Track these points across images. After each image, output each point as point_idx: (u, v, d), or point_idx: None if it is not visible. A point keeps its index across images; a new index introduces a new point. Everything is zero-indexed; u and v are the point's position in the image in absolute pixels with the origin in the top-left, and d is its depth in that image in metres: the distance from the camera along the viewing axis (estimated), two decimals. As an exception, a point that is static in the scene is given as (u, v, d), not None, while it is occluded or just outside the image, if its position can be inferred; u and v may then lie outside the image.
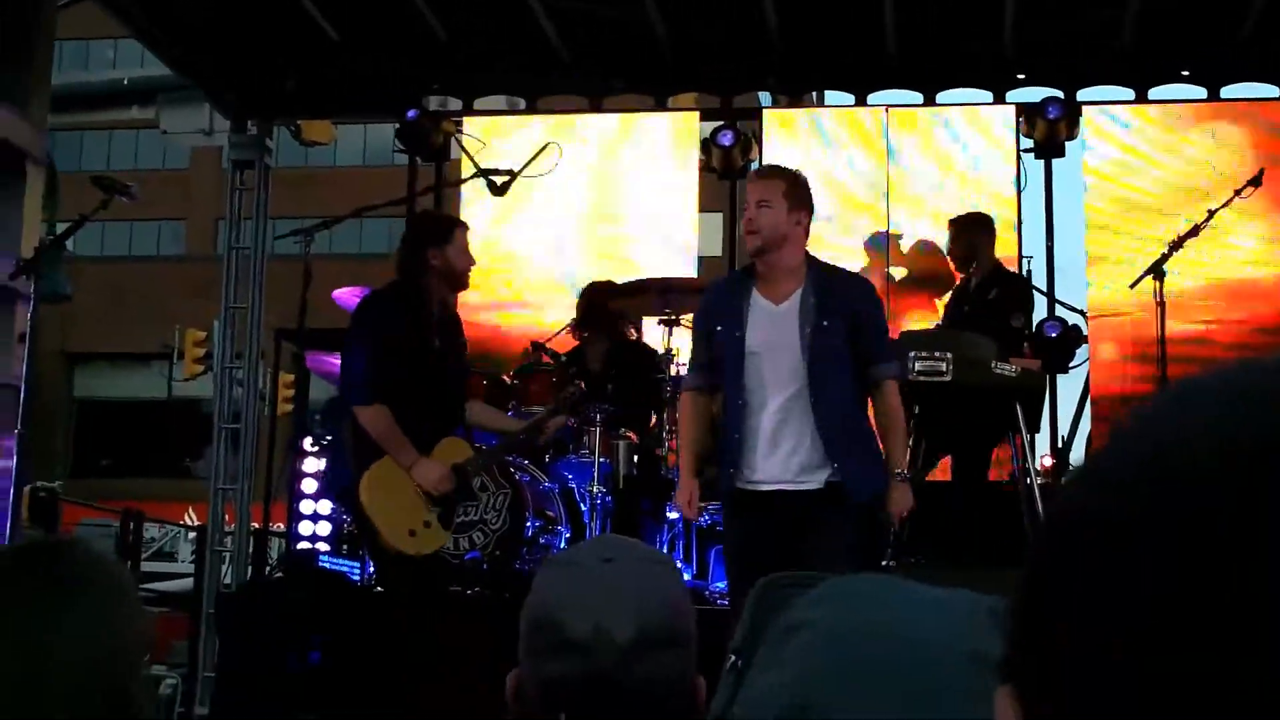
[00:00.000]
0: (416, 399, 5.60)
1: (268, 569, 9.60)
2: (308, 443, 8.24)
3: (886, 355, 5.24)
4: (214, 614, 7.37)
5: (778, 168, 5.36)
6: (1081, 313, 9.30)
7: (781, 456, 4.95)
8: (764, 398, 4.96)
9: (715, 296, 5.31)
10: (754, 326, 5.00)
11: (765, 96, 11.11)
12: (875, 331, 5.19)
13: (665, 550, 6.67)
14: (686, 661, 1.85)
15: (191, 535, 18.37)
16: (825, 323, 4.96)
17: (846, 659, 0.99)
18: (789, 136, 9.86)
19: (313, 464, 8.25)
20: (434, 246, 5.78)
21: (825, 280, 5.07)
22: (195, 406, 26.36)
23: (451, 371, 5.76)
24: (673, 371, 6.97)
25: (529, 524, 6.40)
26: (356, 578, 6.71)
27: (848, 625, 1.02)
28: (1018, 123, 9.45)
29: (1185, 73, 9.35)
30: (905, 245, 9.38)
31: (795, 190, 5.10)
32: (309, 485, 8.26)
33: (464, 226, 6.05)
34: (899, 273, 9.41)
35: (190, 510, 21.11)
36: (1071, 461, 9.41)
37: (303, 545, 8.29)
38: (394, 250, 6.21)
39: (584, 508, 6.57)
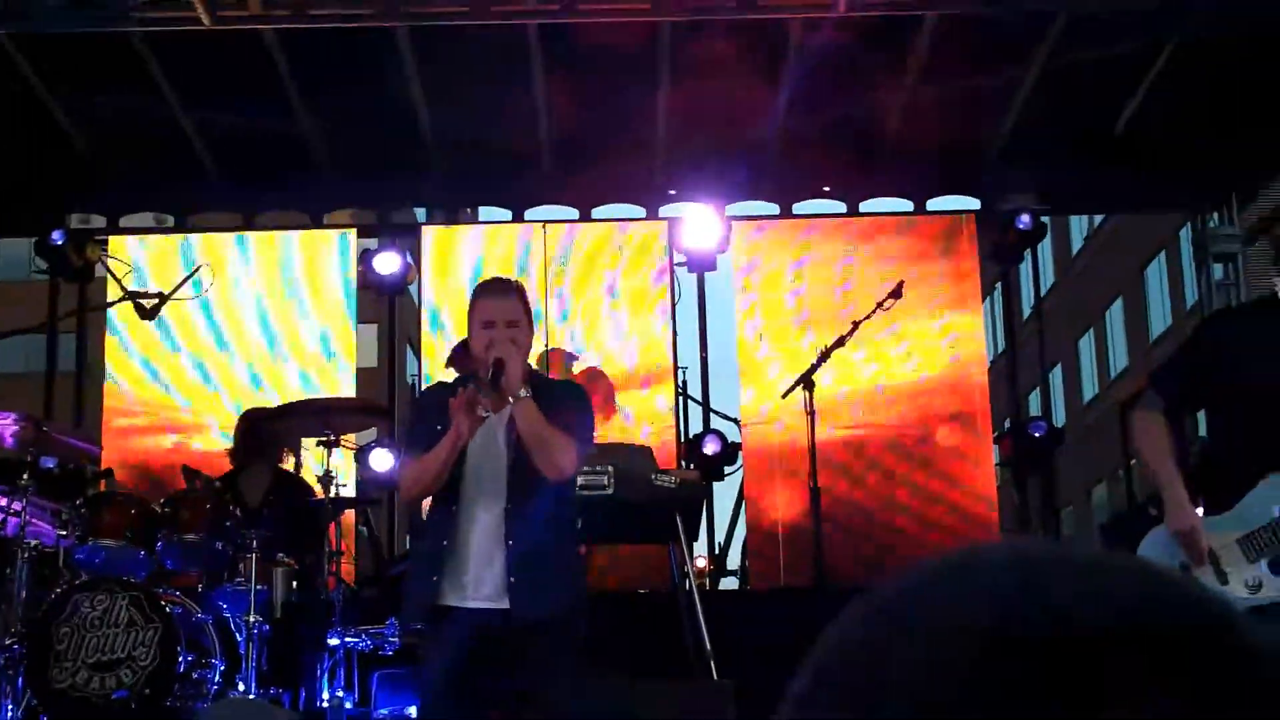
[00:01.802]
0: None
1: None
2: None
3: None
4: None
5: (511, 282, 5.15)
6: (735, 421, 9.55)
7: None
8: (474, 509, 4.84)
9: (438, 396, 5.05)
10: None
11: (422, 212, 11.11)
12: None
13: (326, 678, 6.48)
14: None
15: None
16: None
17: None
18: (449, 251, 9.84)
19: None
20: None
21: (544, 387, 4.95)
22: None
23: None
24: (330, 494, 6.81)
25: (181, 659, 6.11)
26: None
27: None
28: (670, 238, 9.68)
29: (826, 188, 9.81)
30: (578, 367, 9.42)
31: (528, 305, 5.01)
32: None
33: None
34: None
35: None
36: (728, 565, 9.62)
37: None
38: (31, 369, 5.91)
39: (239, 637, 6.31)
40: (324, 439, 6.95)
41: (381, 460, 8.56)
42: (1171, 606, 0.59)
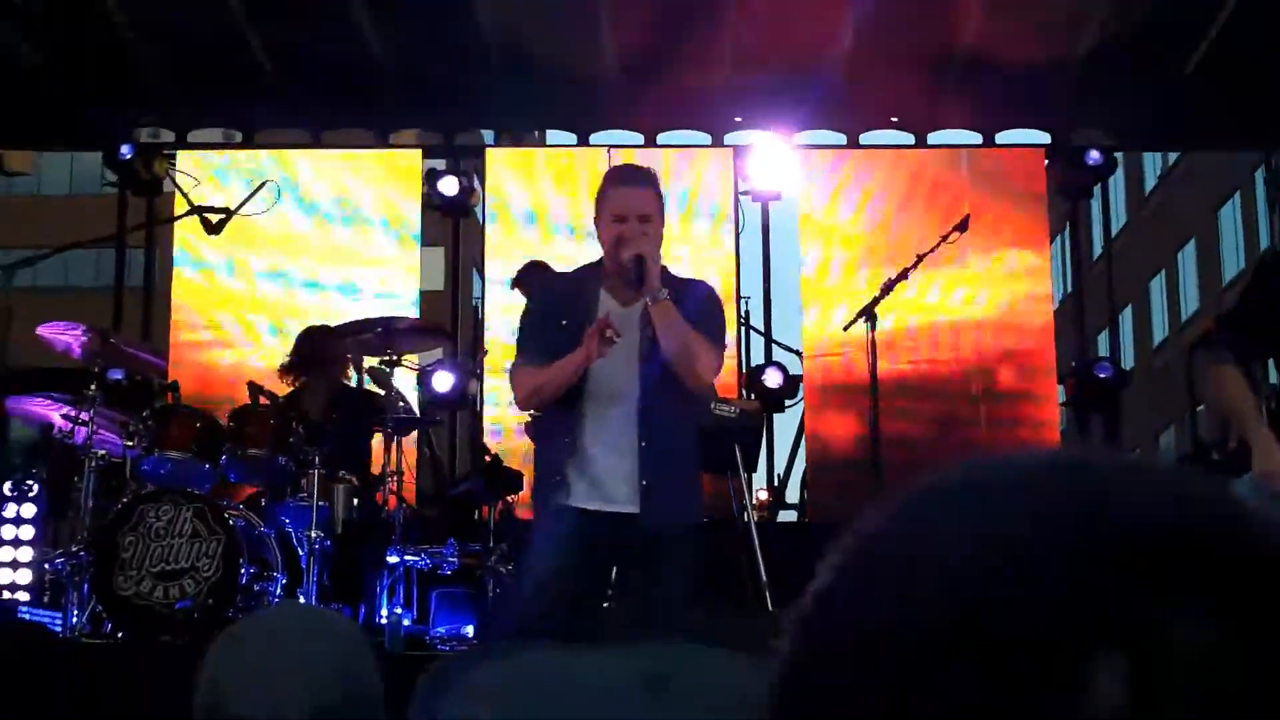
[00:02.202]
0: None
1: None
2: (6, 487, 7.84)
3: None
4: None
5: (645, 171, 4.85)
6: (797, 352, 9.53)
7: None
8: (604, 409, 4.60)
9: (560, 289, 4.93)
10: None
11: (489, 134, 11.11)
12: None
13: (385, 595, 6.55)
14: None
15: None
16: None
17: None
18: (515, 174, 9.84)
19: (12, 509, 7.86)
20: None
21: (676, 285, 4.67)
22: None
23: None
24: (394, 410, 6.86)
25: (244, 570, 6.20)
26: (59, 629, 6.39)
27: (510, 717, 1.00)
28: (735, 166, 9.63)
29: (894, 119, 9.72)
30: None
31: (662, 197, 4.74)
32: (8, 531, 7.86)
33: None
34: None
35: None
36: (786, 498, 9.64)
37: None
38: (102, 283, 5.98)
39: (301, 553, 6.39)
40: (386, 358, 6.98)
41: (443, 382, 8.60)
42: (1207, 503, 0.58)
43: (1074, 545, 0.57)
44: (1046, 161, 9.73)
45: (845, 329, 7.51)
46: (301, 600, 6.26)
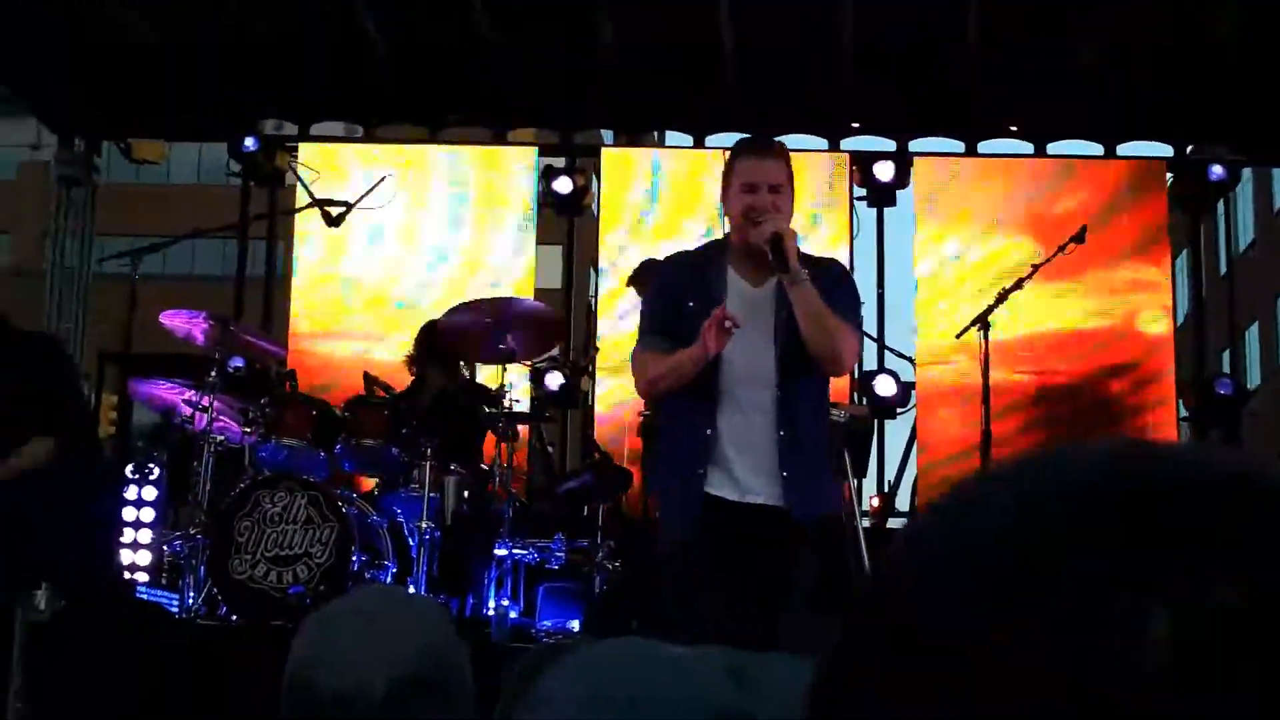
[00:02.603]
0: None
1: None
2: (129, 470, 8.03)
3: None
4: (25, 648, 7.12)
5: (775, 142, 4.61)
6: (910, 359, 9.47)
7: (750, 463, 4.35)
8: (739, 395, 4.36)
9: (681, 268, 4.63)
10: (731, 310, 4.29)
11: (607, 134, 11.18)
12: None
13: (492, 587, 6.62)
14: (455, 705, 1.82)
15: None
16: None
17: None
18: (631, 173, 9.89)
19: (134, 491, 8.05)
20: None
21: (810, 264, 4.39)
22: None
23: None
24: (505, 408, 6.93)
25: (355, 558, 6.31)
26: (176, 610, 6.55)
27: (595, 696, 1.02)
28: (850, 170, 9.61)
29: (1014, 128, 9.63)
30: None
31: (791, 170, 4.47)
32: (129, 513, 8.05)
33: None
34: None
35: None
36: (897, 504, 9.58)
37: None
38: (226, 272, 6.10)
39: (412, 543, 6.48)
40: (500, 351, 7.05)
41: (555, 379, 8.68)
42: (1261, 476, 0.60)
43: (1127, 507, 0.59)
44: (1169, 174, 9.59)
45: (958, 336, 7.46)
46: (411, 593, 6.35)
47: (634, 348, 4.58)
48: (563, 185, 9.60)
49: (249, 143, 9.66)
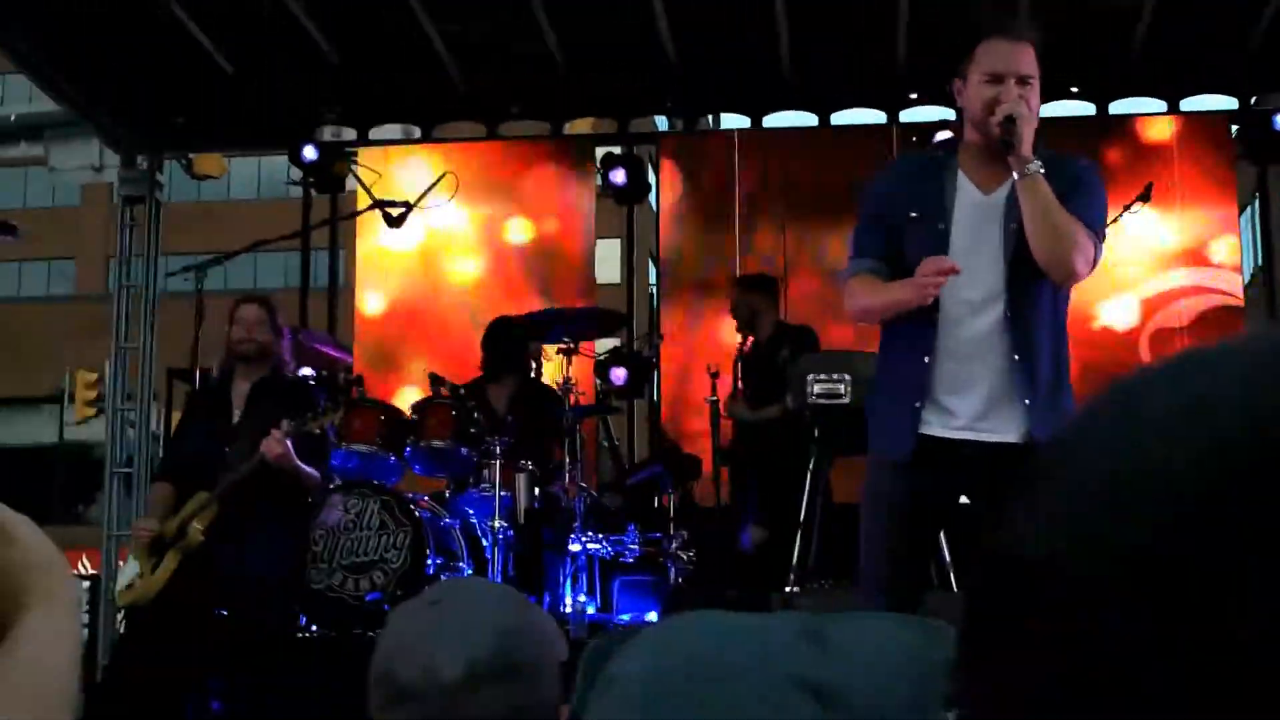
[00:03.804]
0: (200, 469, 5.69)
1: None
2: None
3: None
4: (108, 665, 7.20)
5: (1027, 28, 4.07)
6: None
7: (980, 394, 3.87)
8: (962, 312, 3.89)
9: (904, 175, 4.23)
10: (960, 220, 3.90)
11: (662, 120, 11.12)
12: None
13: (568, 583, 6.60)
14: (536, 690, 1.82)
15: (85, 584, 17.92)
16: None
17: (664, 702, 1.01)
18: (689, 160, 9.85)
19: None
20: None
21: (1050, 163, 3.87)
22: (87, 450, 25.81)
23: (245, 441, 5.66)
24: (571, 402, 6.91)
25: (430, 561, 6.31)
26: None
27: (663, 669, 1.02)
28: (910, 142, 9.50)
29: (1074, 89, 9.47)
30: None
31: (1039, 63, 3.96)
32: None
33: (242, 303, 6.02)
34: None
35: (83, 558, 20.66)
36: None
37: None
38: (290, 285, 6.19)
39: (485, 542, 6.48)
40: (564, 347, 7.04)
41: (618, 373, 8.64)
42: None
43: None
44: (1234, 127, 9.42)
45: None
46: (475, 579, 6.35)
47: (845, 269, 4.08)
48: (619, 176, 9.57)
49: (308, 152, 9.69)
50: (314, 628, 6.33)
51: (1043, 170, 3.77)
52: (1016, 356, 3.81)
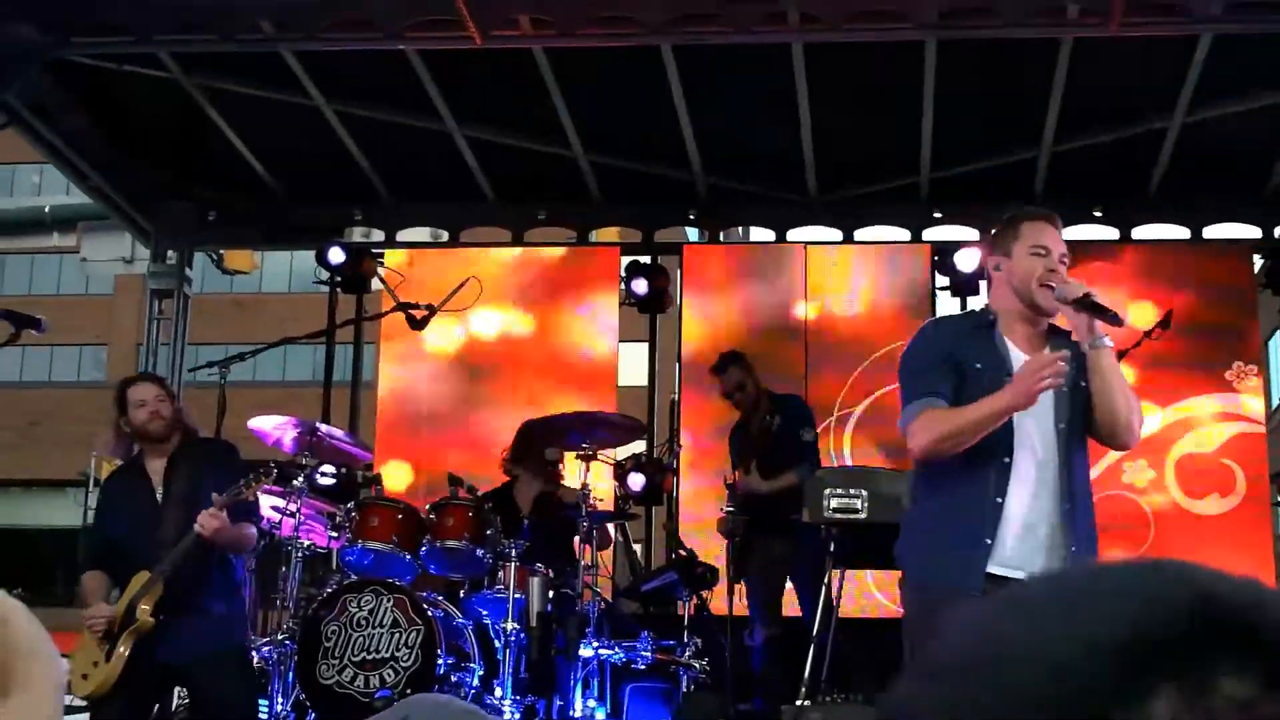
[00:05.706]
0: (132, 551, 5.62)
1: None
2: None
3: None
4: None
5: (1056, 215, 4.41)
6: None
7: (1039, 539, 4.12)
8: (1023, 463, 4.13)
9: (953, 333, 4.40)
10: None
11: (693, 232, 11.23)
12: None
13: (579, 687, 6.59)
14: None
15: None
16: (1083, 383, 4.17)
17: None
18: (714, 269, 9.94)
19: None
20: (122, 416, 5.81)
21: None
22: (110, 535, 25.80)
23: (173, 515, 5.63)
24: (589, 507, 6.93)
25: (441, 660, 6.30)
26: (265, 715, 6.57)
27: None
28: (932, 261, 9.59)
29: (1097, 214, 9.56)
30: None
31: None
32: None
33: (132, 384, 5.98)
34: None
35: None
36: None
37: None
38: (317, 378, 6.22)
39: (498, 644, 6.48)
40: (583, 452, 7.07)
41: (636, 480, 8.66)
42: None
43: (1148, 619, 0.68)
44: (1258, 258, 9.49)
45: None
46: (498, 694, 6.34)
47: (905, 410, 4.22)
48: (640, 286, 9.67)
49: (334, 254, 9.81)
50: (322, 724, 6.32)
51: (1111, 343, 4.11)
52: (1066, 506, 4.09)
